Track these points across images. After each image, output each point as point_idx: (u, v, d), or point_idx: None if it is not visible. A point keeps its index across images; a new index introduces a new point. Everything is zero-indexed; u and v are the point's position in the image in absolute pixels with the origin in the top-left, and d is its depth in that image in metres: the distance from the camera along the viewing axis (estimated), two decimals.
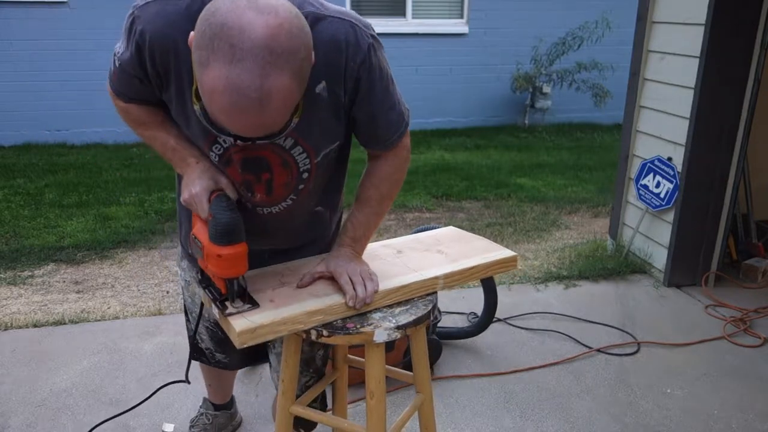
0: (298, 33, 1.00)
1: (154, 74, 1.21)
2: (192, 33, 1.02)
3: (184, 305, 1.80)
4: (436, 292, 1.47)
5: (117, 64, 1.25)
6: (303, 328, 1.29)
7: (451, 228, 1.77)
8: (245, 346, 1.23)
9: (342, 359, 1.71)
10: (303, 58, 1.01)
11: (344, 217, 1.58)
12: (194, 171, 1.31)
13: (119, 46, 1.23)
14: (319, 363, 1.70)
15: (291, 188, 1.37)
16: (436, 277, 1.46)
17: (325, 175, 1.43)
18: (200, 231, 1.30)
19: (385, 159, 1.43)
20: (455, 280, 1.49)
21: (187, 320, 1.83)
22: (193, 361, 1.65)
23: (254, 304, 1.30)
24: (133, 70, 1.22)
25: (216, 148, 1.29)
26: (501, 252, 1.59)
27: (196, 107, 1.15)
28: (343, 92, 1.24)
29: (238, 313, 1.27)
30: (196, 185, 1.28)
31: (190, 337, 1.77)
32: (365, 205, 1.45)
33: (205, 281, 1.37)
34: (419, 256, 1.57)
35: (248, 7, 0.96)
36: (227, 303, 1.29)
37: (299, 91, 1.04)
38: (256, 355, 1.78)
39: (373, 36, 1.24)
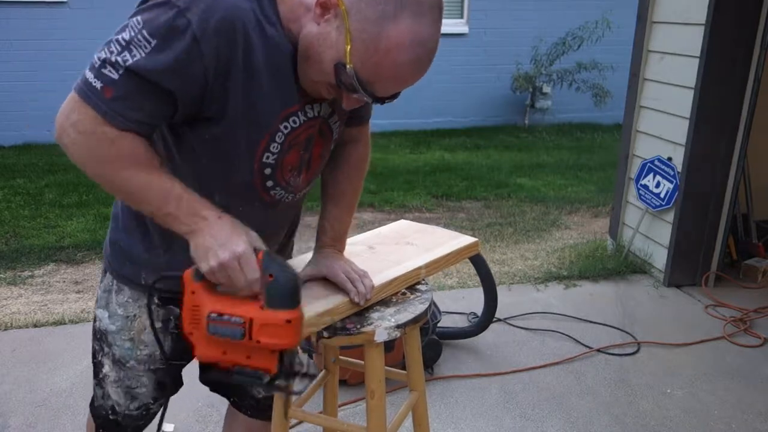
0: None
1: (216, 69, 1.04)
2: None
3: (112, 356, 1.41)
4: (431, 291, 1.49)
5: (118, 75, 1.00)
6: (315, 330, 1.29)
7: (403, 221, 1.82)
8: None
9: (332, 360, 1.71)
10: None
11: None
12: (221, 227, 1.07)
13: (122, 56, 1.00)
14: None
15: (325, 160, 1.33)
16: (419, 267, 1.49)
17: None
18: (237, 304, 1.06)
19: (354, 144, 1.39)
20: (434, 268, 1.55)
21: (120, 371, 1.41)
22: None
23: (313, 376, 1.16)
24: (169, 77, 1.01)
25: (278, 137, 1.16)
26: (465, 239, 1.67)
27: (349, 67, 1.02)
28: None
29: (305, 388, 1.18)
30: (237, 244, 1.04)
31: (114, 412, 1.45)
32: (340, 200, 1.41)
33: (217, 373, 1.13)
34: (393, 249, 1.59)
35: None
36: (285, 381, 1.10)
37: None
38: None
39: None
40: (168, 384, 1.45)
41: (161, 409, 1.44)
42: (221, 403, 2.43)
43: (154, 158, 1.09)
